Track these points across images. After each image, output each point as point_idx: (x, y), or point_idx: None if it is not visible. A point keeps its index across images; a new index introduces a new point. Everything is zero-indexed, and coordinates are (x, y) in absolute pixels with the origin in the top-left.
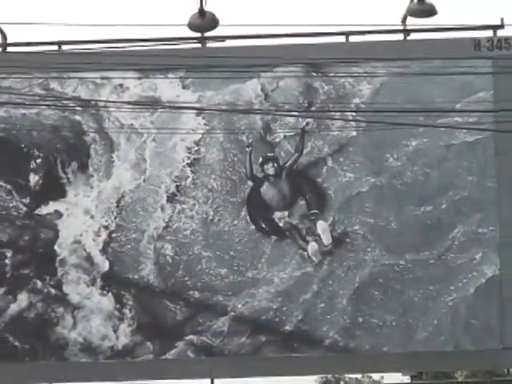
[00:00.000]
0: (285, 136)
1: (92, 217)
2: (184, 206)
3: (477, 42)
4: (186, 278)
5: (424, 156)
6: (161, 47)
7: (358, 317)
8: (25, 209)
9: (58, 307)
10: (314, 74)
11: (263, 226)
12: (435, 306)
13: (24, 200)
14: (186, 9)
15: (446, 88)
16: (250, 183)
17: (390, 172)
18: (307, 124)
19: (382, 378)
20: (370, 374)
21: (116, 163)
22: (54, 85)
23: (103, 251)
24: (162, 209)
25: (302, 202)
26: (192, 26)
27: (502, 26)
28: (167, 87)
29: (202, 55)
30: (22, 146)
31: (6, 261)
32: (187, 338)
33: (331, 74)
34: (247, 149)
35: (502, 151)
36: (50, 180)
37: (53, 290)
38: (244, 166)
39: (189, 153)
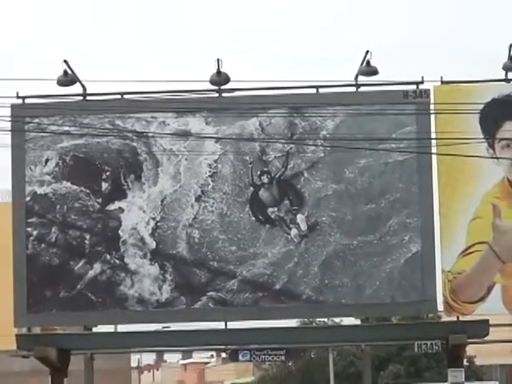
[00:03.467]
0: (275, 156)
1: (144, 212)
2: (206, 204)
3: (405, 93)
4: (208, 253)
5: (369, 170)
6: (191, 96)
7: (325, 279)
8: (98, 206)
9: (120, 273)
10: (295, 115)
11: (260, 217)
12: (377, 272)
13: (98, 200)
14: (208, 70)
15: (384, 123)
16: (251, 189)
17: (346, 181)
18: (290, 148)
19: (341, 320)
20: (333, 319)
21: (160, 175)
22: (118, 122)
23: (152, 235)
24: (192, 206)
25: (287, 202)
26: (212, 82)
27: (422, 82)
28: (195, 123)
29: (219, 102)
30: (97, 163)
31: (86, 241)
32: (208, 294)
33: (307, 115)
34: (249, 165)
35: (422, 167)
36: (115, 186)
37: (117, 261)
38: (247, 177)
39: (210, 168)
